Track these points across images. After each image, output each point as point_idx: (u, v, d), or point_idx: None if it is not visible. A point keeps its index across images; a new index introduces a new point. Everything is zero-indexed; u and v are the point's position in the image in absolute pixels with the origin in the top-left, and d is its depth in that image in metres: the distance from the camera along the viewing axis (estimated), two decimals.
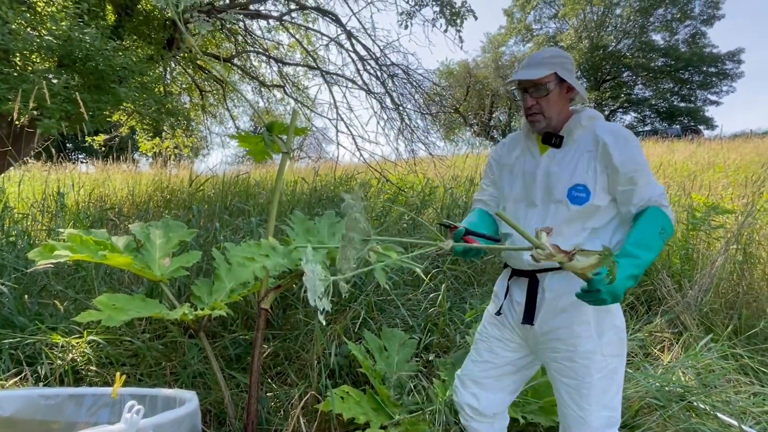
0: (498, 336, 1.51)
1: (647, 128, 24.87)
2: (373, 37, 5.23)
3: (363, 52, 5.18)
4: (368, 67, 5.23)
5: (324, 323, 1.27)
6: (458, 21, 5.22)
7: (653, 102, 26.55)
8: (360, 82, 5.32)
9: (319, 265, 1.05)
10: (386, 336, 2.33)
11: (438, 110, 6.60)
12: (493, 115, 26.95)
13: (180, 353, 2.21)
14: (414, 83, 5.46)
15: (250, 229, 2.97)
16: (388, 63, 5.35)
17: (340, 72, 5.55)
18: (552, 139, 1.39)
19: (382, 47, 5.30)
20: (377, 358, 2.20)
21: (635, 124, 27.81)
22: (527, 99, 1.37)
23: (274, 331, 2.50)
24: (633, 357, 2.53)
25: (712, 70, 25.28)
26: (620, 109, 27.98)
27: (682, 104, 26.59)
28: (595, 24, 26.14)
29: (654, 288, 3.18)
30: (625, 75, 27.17)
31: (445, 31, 5.21)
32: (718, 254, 3.10)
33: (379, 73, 5.26)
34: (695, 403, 2.03)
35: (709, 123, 26.27)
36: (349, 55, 5.23)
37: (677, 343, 2.64)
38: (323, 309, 1.09)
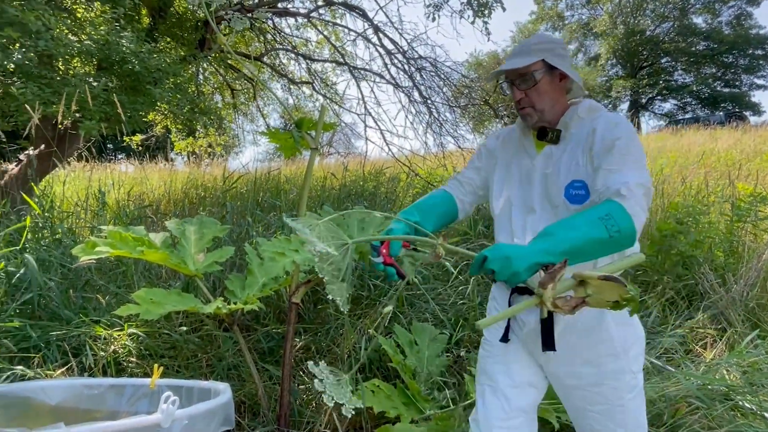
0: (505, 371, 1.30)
1: (688, 116, 23.82)
2: (400, 31, 5.21)
3: (390, 46, 5.16)
4: (396, 61, 5.21)
5: (345, 311, 1.26)
6: (486, 12, 5.12)
7: (694, 88, 25.40)
8: (388, 77, 5.30)
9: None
10: (416, 330, 2.33)
11: (467, 103, 6.51)
12: None
13: (215, 346, 2.27)
14: (442, 76, 5.40)
15: (281, 225, 3.02)
16: (416, 56, 5.30)
17: (367, 67, 5.55)
18: (548, 134, 1.25)
19: (409, 40, 5.27)
20: (408, 353, 2.20)
21: (675, 111, 26.71)
22: (515, 92, 1.24)
23: (305, 325, 2.54)
24: (673, 354, 2.44)
25: (759, 52, 23.98)
26: (659, 97, 26.93)
27: (726, 90, 25.34)
28: (631, 8, 25.18)
29: (695, 282, 3.05)
30: (663, 61, 26.11)
31: (473, 22, 5.12)
32: (766, 247, 2.94)
33: (406, 67, 5.23)
34: (741, 403, 1.94)
35: (755, 108, 24.96)
36: (377, 50, 5.22)
37: (721, 339, 2.53)
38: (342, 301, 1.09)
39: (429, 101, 5.30)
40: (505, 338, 1.28)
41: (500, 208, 1.32)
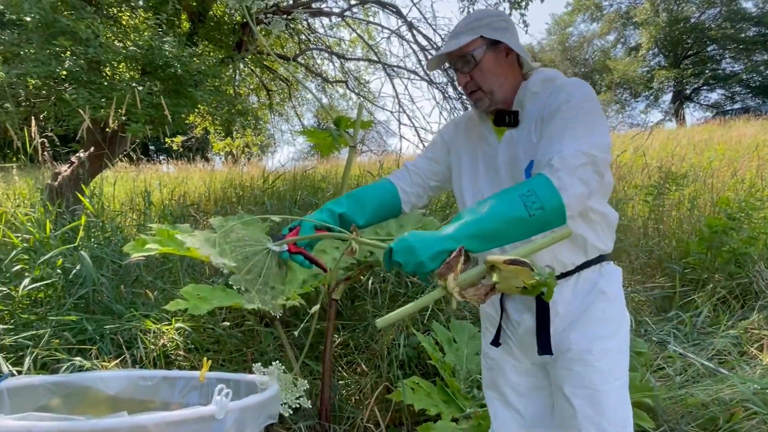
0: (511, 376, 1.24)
1: (737, 106, 22.60)
2: (434, 27, 5.17)
3: (424, 43, 5.13)
4: (429, 57, 5.18)
5: (278, 316, 1.20)
6: (522, 4, 5.02)
7: (744, 77, 24.02)
8: (422, 73, 5.28)
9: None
10: (455, 328, 2.32)
11: None
12: None
13: (257, 341, 2.33)
14: None
15: None
16: None
17: (401, 64, 5.54)
18: (506, 118, 1.13)
19: (443, 36, 5.22)
20: (446, 350, 2.19)
21: (723, 102, 25.37)
22: (459, 76, 1.13)
23: (344, 321, 2.56)
24: (726, 356, 2.33)
25: None
26: (705, 87, 25.67)
27: None
28: None
29: (750, 281, 2.90)
30: (710, 49, 24.85)
31: (509, 14, 5.03)
32: None
33: None
34: None
35: None
36: (410, 47, 5.20)
37: None
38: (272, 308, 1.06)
39: (464, 97, 5.24)
40: (496, 342, 1.20)
41: (467, 200, 1.21)
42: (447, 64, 1.18)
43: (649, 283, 3.12)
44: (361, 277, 2.66)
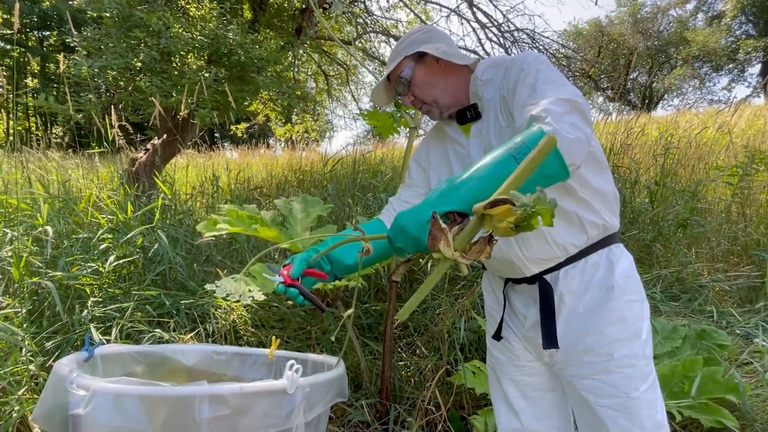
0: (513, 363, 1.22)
1: None
2: (495, 3, 4.97)
3: (485, 20, 4.95)
4: (490, 35, 5.00)
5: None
6: None
7: None
8: (481, 52, 5.11)
9: None
10: None
11: (566, 75, 6.08)
12: (631, 77, 24.03)
13: (319, 320, 2.40)
14: (540, 48, 5.09)
15: (379, 205, 3.07)
16: (512, 29, 5.05)
17: (461, 43, 5.39)
18: (467, 114, 1.13)
19: (504, 12, 5.02)
20: None
21: None
22: (404, 99, 1.17)
23: (402, 303, 2.57)
24: None
25: None
26: None
27: None
28: None
29: None
30: None
31: None
32: None
33: (501, 40, 5.00)
34: None
35: None
36: (470, 25, 5.05)
37: None
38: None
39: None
40: (497, 335, 1.19)
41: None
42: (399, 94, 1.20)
43: (732, 271, 2.88)
44: (420, 260, 2.65)
